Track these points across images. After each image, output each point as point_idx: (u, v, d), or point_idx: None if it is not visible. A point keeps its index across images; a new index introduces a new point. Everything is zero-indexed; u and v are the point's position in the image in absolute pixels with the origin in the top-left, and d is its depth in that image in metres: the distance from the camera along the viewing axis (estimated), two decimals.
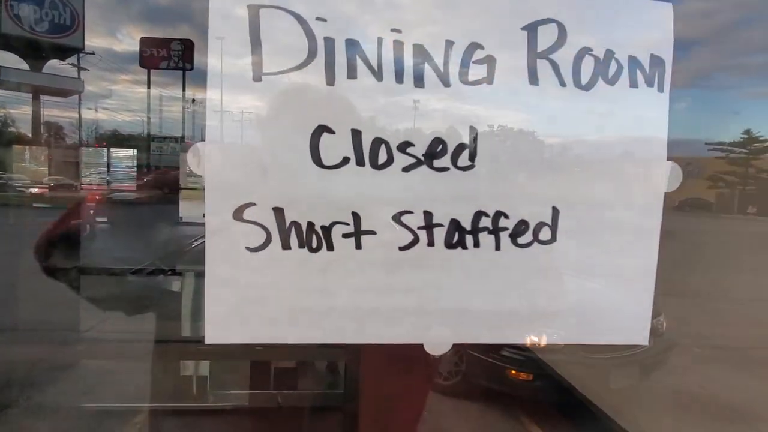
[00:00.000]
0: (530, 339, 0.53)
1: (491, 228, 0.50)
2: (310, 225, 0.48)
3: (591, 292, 0.52)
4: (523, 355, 3.29)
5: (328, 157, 0.48)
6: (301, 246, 0.48)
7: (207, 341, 0.48)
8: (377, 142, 0.48)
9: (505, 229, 0.50)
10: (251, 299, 0.48)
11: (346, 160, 0.48)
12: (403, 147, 0.49)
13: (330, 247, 0.49)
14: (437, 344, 0.51)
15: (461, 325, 0.51)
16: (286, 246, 0.48)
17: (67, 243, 0.80)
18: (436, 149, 0.49)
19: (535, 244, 0.51)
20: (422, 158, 0.49)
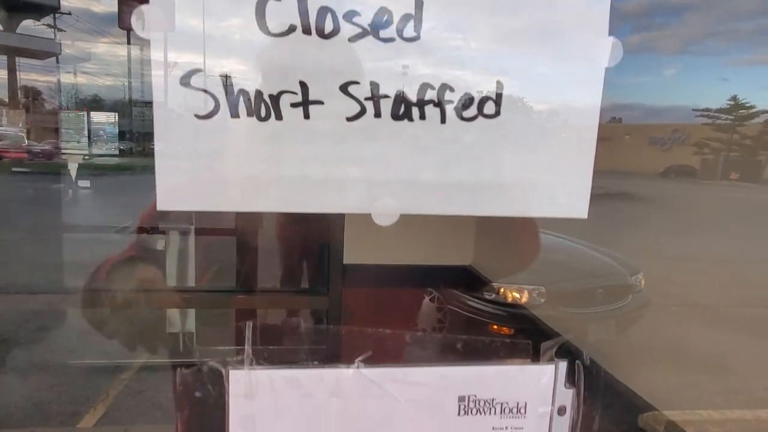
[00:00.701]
0: (475, 210, 0.55)
1: (436, 101, 0.52)
2: (259, 93, 0.49)
3: (533, 166, 0.54)
4: (504, 310, 3.34)
5: (274, 24, 0.48)
6: (249, 115, 0.49)
7: (159, 208, 0.49)
8: (323, 11, 0.49)
9: (450, 102, 0.52)
10: (201, 167, 0.50)
11: (292, 28, 0.49)
12: (350, 16, 0.49)
13: (278, 117, 0.50)
14: (384, 215, 0.53)
15: (408, 195, 0.53)
16: (234, 114, 0.49)
17: None
18: (381, 19, 0.50)
19: (480, 117, 0.52)
20: (368, 28, 0.50)
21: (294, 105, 0.50)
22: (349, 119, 0.51)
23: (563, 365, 0.57)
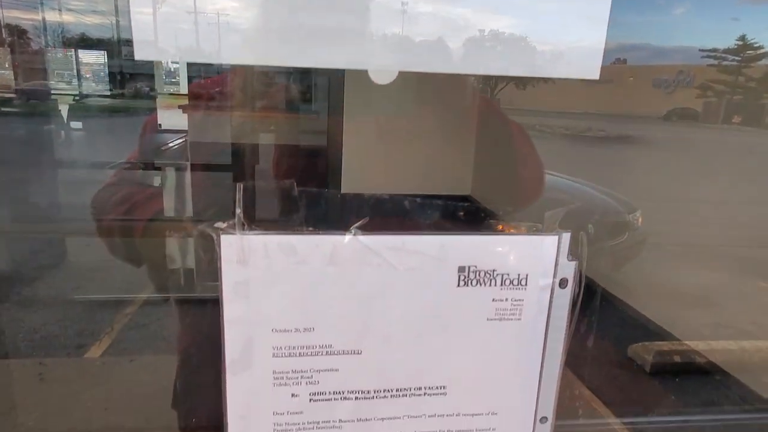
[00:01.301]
0: (479, 68, 0.51)
1: None
2: None
3: (547, 28, 0.50)
4: None
5: None
6: None
7: (136, 58, 0.46)
8: None
9: None
10: (178, 17, 0.46)
11: None
12: None
13: None
14: (382, 72, 0.49)
15: (407, 52, 0.49)
16: None
17: None
18: None
19: None
20: None
21: None
22: None
23: (566, 236, 0.56)
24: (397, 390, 0.57)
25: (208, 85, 1.00)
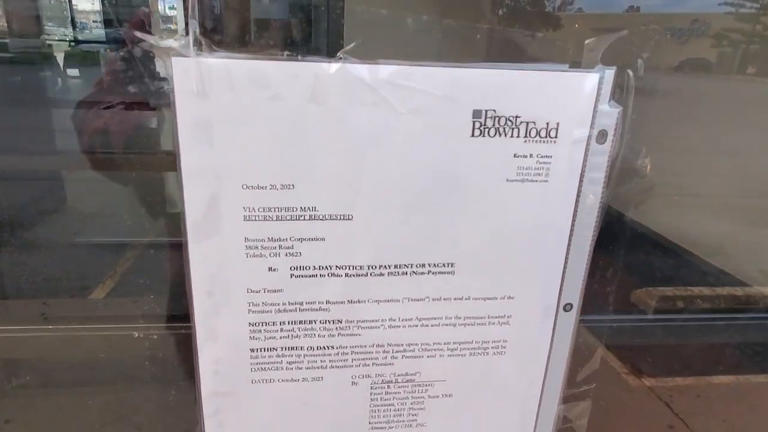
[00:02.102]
0: None
1: None
2: None
3: None
4: None
5: None
6: None
7: None
8: None
9: None
10: None
11: None
12: None
13: None
14: None
15: None
16: None
17: None
18: None
19: None
20: None
21: None
22: None
23: (610, 74, 0.44)
24: (395, 266, 0.48)
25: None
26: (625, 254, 0.59)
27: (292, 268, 0.47)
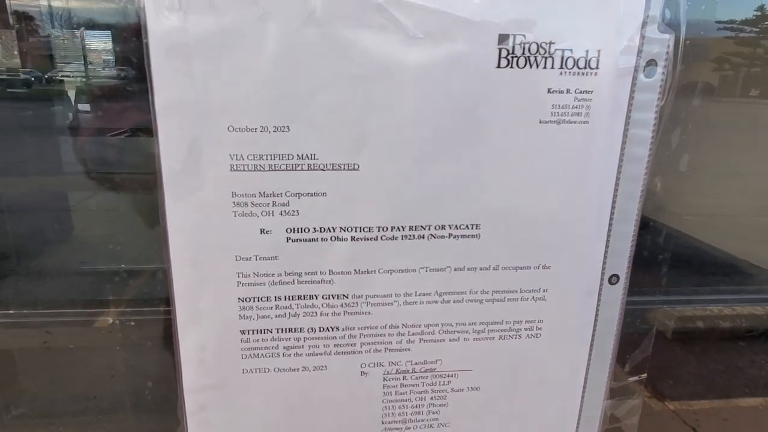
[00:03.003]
0: None
1: None
2: None
3: None
4: None
5: None
6: None
7: None
8: None
9: None
10: None
11: None
12: None
13: None
14: None
15: None
16: None
17: None
18: None
19: None
20: None
21: None
22: None
23: None
24: (410, 228, 0.40)
25: None
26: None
27: (288, 231, 0.39)
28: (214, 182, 0.37)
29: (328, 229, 0.40)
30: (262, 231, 0.39)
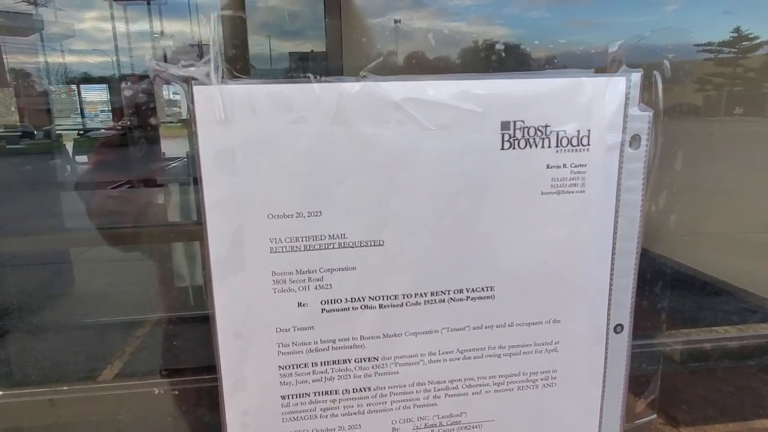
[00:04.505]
0: None
1: None
2: None
3: None
4: None
5: None
6: None
7: None
8: None
9: None
10: None
11: None
12: None
13: None
14: None
15: None
16: None
17: None
18: None
19: None
20: None
21: None
22: None
23: (637, 76, 0.43)
24: (431, 294, 0.45)
25: None
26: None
27: (323, 302, 0.44)
28: (256, 264, 0.42)
29: (359, 299, 0.44)
30: (299, 304, 0.43)
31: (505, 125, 0.42)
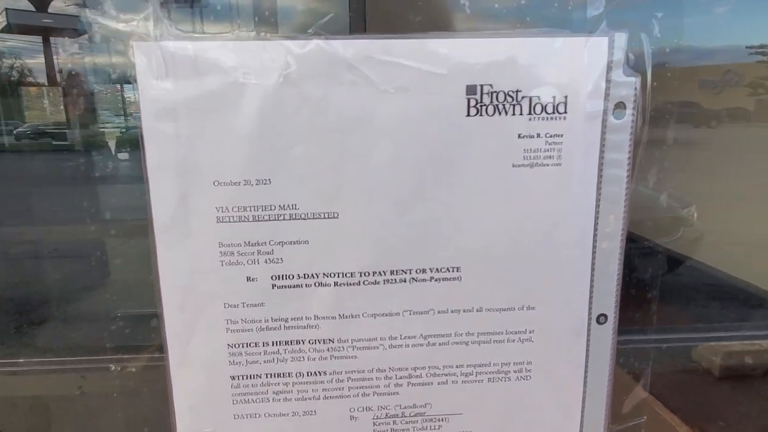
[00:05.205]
0: None
1: None
2: None
3: None
4: None
5: None
6: None
7: None
8: None
9: None
10: None
11: None
12: None
13: None
14: None
15: None
16: None
17: None
18: None
19: None
20: None
21: None
22: None
23: (621, 37, 0.39)
24: (391, 273, 0.42)
25: None
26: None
27: (274, 278, 0.41)
28: (201, 233, 0.40)
29: (312, 275, 0.41)
30: (248, 278, 0.41)
31: (470, 89, 0.39)
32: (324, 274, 0.41)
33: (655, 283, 0.50)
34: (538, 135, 0.40)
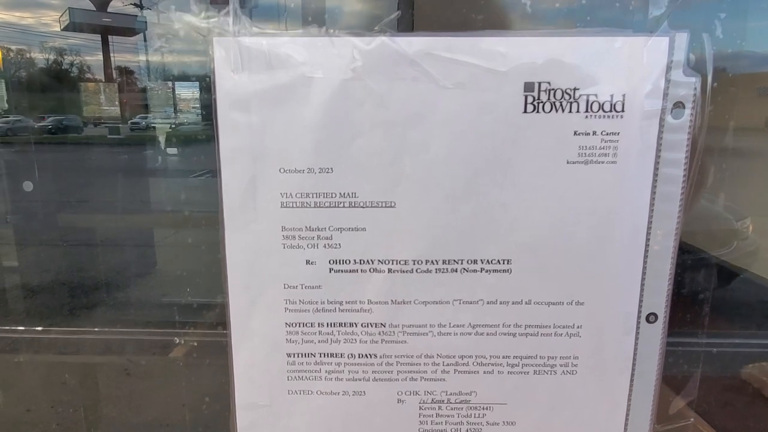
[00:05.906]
0: None
1: None
2: None
3: None
4: None
5: None
6: None
7: None
8: None
9: None
10: None
11: None
12: None
13: None
14: None
15: None
16: None
17: None
18: None
19: None
20: None
21: None
22: None
23: (682, 37, 0.39)
24: (443, 262, 0.43)
25: None
26: None
27: (331, 262, 0.43)
28: (266, 217, 0.42)
29: (367, 261, 0.43)
30: (307, 262, 0.43)
31: (528, 86, 0.40)
32: (379, 260, 0.43)
33: (705, 292, 0.49)
34: (594, 132, 0.40)
